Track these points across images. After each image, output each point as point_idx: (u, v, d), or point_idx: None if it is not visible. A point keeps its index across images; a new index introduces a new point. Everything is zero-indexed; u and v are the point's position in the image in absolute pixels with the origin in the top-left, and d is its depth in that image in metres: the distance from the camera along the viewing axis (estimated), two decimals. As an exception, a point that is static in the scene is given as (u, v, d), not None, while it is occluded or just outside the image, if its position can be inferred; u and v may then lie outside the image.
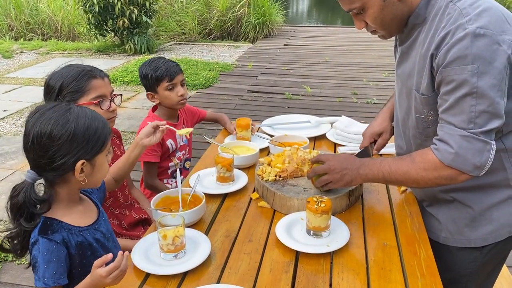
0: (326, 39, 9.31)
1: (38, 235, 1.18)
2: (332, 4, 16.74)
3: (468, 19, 1.18)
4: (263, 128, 2.33)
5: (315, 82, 6.21)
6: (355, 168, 1.43)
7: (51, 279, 1.17)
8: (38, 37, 9.71)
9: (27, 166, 1.22)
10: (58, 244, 1.20)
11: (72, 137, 1.17)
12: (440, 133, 1.27)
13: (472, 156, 1.20)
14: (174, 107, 2.17)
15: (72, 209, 1.28)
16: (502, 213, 1.37)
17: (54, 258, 1.18)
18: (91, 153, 1.21)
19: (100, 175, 1.28)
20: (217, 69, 6.87)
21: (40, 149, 1.17)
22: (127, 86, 6.29)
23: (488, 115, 1.18)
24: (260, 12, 9.52)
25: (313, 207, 1.36)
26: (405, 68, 1.43)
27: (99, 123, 1.24)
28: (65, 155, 1.17)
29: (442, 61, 1.21)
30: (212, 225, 1.51)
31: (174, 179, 2.26)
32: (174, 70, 2.11)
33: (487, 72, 1.15)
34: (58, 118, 1.18)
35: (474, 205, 1.39)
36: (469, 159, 1.21)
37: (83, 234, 1.27)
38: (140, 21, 7.93)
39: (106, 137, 1.25)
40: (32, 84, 6.41)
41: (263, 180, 1.66)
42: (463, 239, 1.43)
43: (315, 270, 1.28)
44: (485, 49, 1.15)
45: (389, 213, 1.56)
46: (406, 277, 1.24)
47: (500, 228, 1.38)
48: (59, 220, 1.23)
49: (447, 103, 1.23)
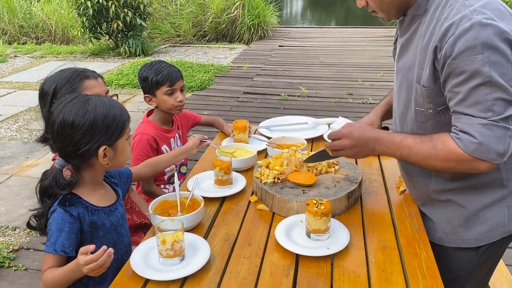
0: (321, 40, 9.32)
1: (57, 205, 1.31)
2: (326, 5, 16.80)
3: (472, 9, 1.18)
4: (260, 130, 2.32)
5: (310, 83, 6.21)
6: (372, 146, 1.40)
7: (60, 247, 1.27)
8: (32, 41, 9.66)
9: (22, 171, 1.27)
10: (73, 217, 1.30)
11: (92, 126, 1.28)
12: (458, 124, 1.24)
13: (495, 143, 1.19)
14: (170, 112, 2.15)
15: (94, 191, 1.39)
16: (496, 213, 1.37)
17: (66, 229, 1.28)
18: (111, 139, 1.32)
19: (123, 158, 1.39)
20: (213, 71, 6.86)
21: (65, 138, 1.29)
22: (122, 89, 6.27)
23: (504, 102, 1.17)
24: (255, 13, 9.51)
25: (313, 209, 1.35)
26: (405, 60, 1.42)
27: (116, 110, 1.34)
28: (88, 142, 1.28)
29: (450, 53, 1.19)
30: (211, 229, 1.50)
31: (171, 184, 2.24)
32: (175, 76, 2.11)
33: (497, 60, 1.15)
34: (78, 109, 1.29)
35: (468, 205, 1.39)
36: (492, 147, 1.19)
37: (99, 213, 1.36)
38: (134, 24, 7.91)
39: (124, 123, 1.36)
40: (27, 88, 6.37)
41: (261, 182, 1.65)
42: (457, 240, 1.43)
43: (315, 273, 1.28)
44: (493, 38, 1.14)
45: (388, 214, 1.55)
46: (407, 279, 1.24)
47: (495, 228, 1.38)
48: (79, 196, 1.35)
49: (460, 95, 1.21)
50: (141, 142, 2.07)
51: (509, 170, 1.34)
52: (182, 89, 2.15)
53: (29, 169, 3.88)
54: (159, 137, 2.12)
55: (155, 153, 2.10)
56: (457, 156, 1.25)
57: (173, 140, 2.20)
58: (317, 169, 1.71)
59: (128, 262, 1.30)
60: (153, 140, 2.09)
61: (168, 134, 2.18)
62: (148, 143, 2.06)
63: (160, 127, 2.16)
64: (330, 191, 1.58)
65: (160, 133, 2.14)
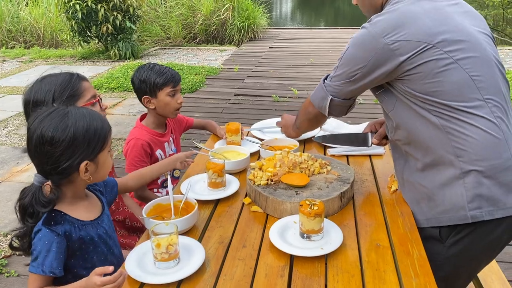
0: (311, 41, 9.36)
1: (42, 225, 1.25)
2: (315, 6, 16.86)
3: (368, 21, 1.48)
4: (252, 132, 2.33)
5: (301, 84, 6.23)
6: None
7: (48, 268, 1.23)
8: (20, 45, 9.57)
9: (13, 177, 1.26)
10: (60, 235, 1.26)
11: (73, 141, 1.22)
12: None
13: (318, 97, 1.65)
14: (168, 115, 2.15)
15: (77, 204, 1.34)
16: (453, 193, 1.41)
17: (54, 249, 1.24)
18: (93, 153, 1.27)
19: (104, 171, 1.34)
20: (203, 73, 6.86)
21: (43, 155, 1.23)
22: (113, 92, 6.24)
23: (339, 81, 1.56)
24: (245, 15, 9.53)
25: (306, 210, 1.37)
26: None
27: (97, 122, 1.28)
28: (68, 158, 1.23)
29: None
30: (205, 232, 1.50)
31: (164, 188, 2.24)
32: (178, 77, 2.14)
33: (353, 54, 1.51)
34: (57, 123, 1.22)
35: (427, 184, 1.48)
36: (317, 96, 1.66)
37: (86, 228, 1.32)
38: (124, 27, 7.88)
39: (106, 135, 1.30)
40: (16, 93, 6.31)
41: (255, 184, 1.66)
42: (423, 220, 1.51)
43: (310, 274, 1.29)
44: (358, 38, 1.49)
45: (380, 214, 1.57)
46: (401, 277, 1.25)
47: (454, 210, 1.42)
48: (63, 213, 1.30)
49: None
50: (135, 148, 2.06)
51: (455, 148, 1.39)
52: (180, 90, 2.18)
53: (20, 174, 3.85)
54: (153, 141, 2.12)
55: (149, 158, 2.09)
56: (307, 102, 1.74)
57: (167, 144, 2.20)
58: (310, 170, 1.73)
59: (123, 266, 1.30)
60: (147, 145, 2.08)
61: (162, 138, 2.18)
62: (143, 149, 2.06)
63: (153, 131, 2.16)
64: (322, 191, 1.60)
65: (154, 138, 2.14)
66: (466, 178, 1.40)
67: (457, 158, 1.39)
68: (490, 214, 1.39)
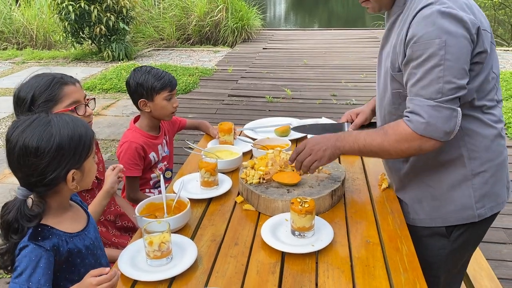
0: (305, 42, 9.40)
1: (28, 241, 1.17)
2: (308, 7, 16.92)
3: (435, 0, 1.30)
4: (245, 131, 2.35)
5: (295, 85, 6.26)
6: (333, 142, 1.51)
7: (35, 285, 1.14)
8: (13, 46, 9.52)
9: (5, 178, 1.22)
10: (48, 251, 1.18)
11: (59, 150, 1.16)
12: (410, 105, 1.35)
13: (442, 123, 1.30)
14: (164, 118, 2.17)
15: (62, 216, 1.27)
16: (462, 194, 1.44)
17: (41, 265, 1.16)
18: (79, 161, 1.21)
19: (90, 178, 1.28)
20: (197, 74, 6.87)
21: (28, 168, 1.15)
22: (106, 93, 6.23)
23: (454, 85, 1.28)
24: (238, 16, 9.55)
25: (297, 207, 1.38)
26: (385, 50, 1.52)
27: (81, 129, 1.22)
28: (55, 169, 1.16)
29: (411, 37, 1.31)
30: (198, 230, 1.52)
31: (156, 189, 2.25)
32: (175, 82, 2.16)
33: (453, 45, 1.26)
34: (41, 133, 1.15)
35: (434, 184, 1.48)
36: (439, 127, 1.30)
37: (74, 240, 1.26)
38: (117, 28, 7.87)
39: (91, 141, 1.25)
40: (8, 95, 6.28)
41: (247, 183, 1.68)
42: (427, 219, 1.51)
43: (301, 270, 1.30)
44: (451, 24, 1.26)
45: (371, 211, 1.59)
46: (390, 273, 1.27)
47: (461, 210, 1.45)
48: (50, 227, 1.22)
49: (416, 76, 1.32)
50: (129, 151, 2.07)
51: (470, 150, 1.41)
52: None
53: (12, 176, 3.81)
54: (147, 144, 2.13)
55: (142, 161, 2.10)
56: (406, 136, 1.35)
57: (160, 146, 2.21)
58: (301, 168, 1.75)
59: (116, 264, 1.31)
60: (141, 148, 2.09)
61: (155, 141, 2.19)
62: (136, 152, 2.07)
63: (147, 134, 2.16)
64: (314, 189, 1.61)
65: (148, 140, 2.14)
66: (475, 179, 1.43)
67: (470, 160, 1.42)
68: (491, 210, 1.47)
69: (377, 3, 1.46)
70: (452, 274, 1.61)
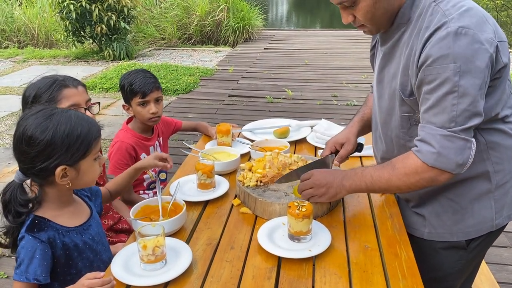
0: (306, 42, 9.38)
1: (25, 232, 1.23)
2: (310, 8, 16.90)
3: (450, 18, 1.19)
4: (243, 133, 2.32)
5: (296, 85, 6.24)
6: (339, 181, 1.44)
7: (32, 275, 1.20)
8: (14, 45, 9.52)
9: (4, 177, 1.25)
10: (43, 242, 1.23)
11: (50, 144, 1.19)
12: (421, 133, 1.27)
13: (455, 154, 1.21)
14: (146, 122, 2.13)
15: (63, 209, 1.31)
16: (483, 206, 1.39)
17: (37, 256, 1.21)
18: (72, 159, 1.22)
19: (89, 177, 1.30)
20: (198, 74, 6.85)
21: (20, 153, 1.22)
22: (106, 92, 6.21)
23: (469, 113, 1.19)
24: (240, 16, 9.53)
25: (294, 211, 1.36)
26: (389, 69, 1.42)
27: (83, 128, 1.23)
28: (43, 161, 1.19)
29: (425, 60, 1.22)
30: (193, 233, 1.49)
31: (150, 190, 2.23)
32: (148, 87, 2.06)
33: (469, 71, 1.16)
34: (38, 124, 1.20)
35: (456, 198, 1.40)
36: (451, 158, 1.22)
37: (70, 235, 1.29)
38: (118, 27, 7.85)
39: (91, 143, 1.25)
40: (9, 93, 6.27)
41: (244, 185, 1.65)
42: (446, 233, 1.44)
43: (297, 275, 1.28)
44: (467, 48, 1.16)
45: (369, 215, 1.57)
46: (388, 279, 1.25)
47: (482, 222, 1.40)
48: (47, 219, 1.27)
49: (429, 102, 1.23)
50: (119, 150, 2.05)
51: (494, 163, 1.36)
52: (158, 99, 2.11)
53: (11, 175, 3.82)
54: (138, 145, 2.10)
55: (133, 162, 2.07)
56: (416, 168, 1.27)
57: (152, 148, 2.19)
58: (299, 171, 1.72)
59: (109, 269, 1.29)
60: (132, 149, 2.07)
61: (147, 142, 2.16)
62: (127, 152, 2.05)
63: (139, 135, 2.14)
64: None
65: (139, 141, 2.12)
66: (496, 191, 1.38)
67: (495, 174, 1.36)
68: (509, 218, 1.43)
69: (374, 26, 1.36)
70: (467, 281, 1.58)
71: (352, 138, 1.75)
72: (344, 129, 1.81)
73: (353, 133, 1.76)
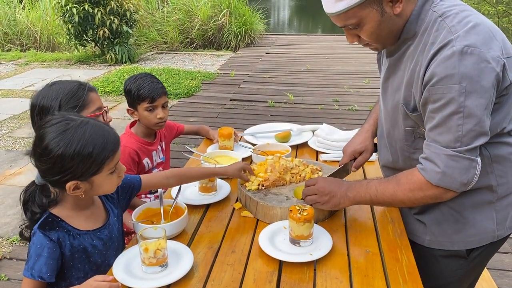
0: (308, 47, 9.40)
1: (37, 228, 1.25)
2: (312, 13, 16.94)
3: (456, 36, 1.17)
4: (245, 137, 2.33)
5: (297, 90, 6.25)
6: (343, 191, 1.44)
7: (37, 273, 1.21)
8: (16, 47, 9.56)
9: (5, 180, 1.26)
10: (52, 241, 1.24)
11: (59, 160, 1.18)
12: (426, 151, 1.27)
13: (459, 174, 1.22)
14: (151, 127, 2.14)
15: (79, 212, 1.32)
16: (484, 217, 1.38)
17: (45, 254, 1.22)
18: (84, 175, 1.21)
19: (104, 189, 1.30)
20: (199, 78, 6.87)
21: (36, 158, 1.22)
22: (108, 96, 6.23)
23: (475, 133, 1.19)
24: (242, 21, 9.57)
25: (296, 215, 1.36)
26: (393, 81, 1.42)
27: (96, 146, 1.20)
28: (54, 175, 1.20)
29: (430, 79, 1.21)
30: (195, 237, 1.50)
31: (152, 194, 2.23)
32: (157, 93, 2.06)
33: (474, 91, 1.15)
34: (53, 137, 1.18)
35: (457, 207, 1.40)
36: (456, 178, 1.23)
37: (81, 238, 1.30)
38: (120, 31, 7.89)
39: (104, 161, 1.22)
40: (11, 96, 6.29)
41: (245, 189, 1.66)
42: (447, 242, 1.44)
43: (298, 279, 1.28)
44: (473, 68, 1.14)
45: (371, 220, 1.57)
46: (389, 284, 1.25)
47: (483, 232, 1.40)
48: (61, 219, 1.28)
49: (434, 121, 1.23)
50: (122, 155, 2.04)
51: (498, 176, 1.35)
52: (165, 105, 2.11)
53: (13, 177, 3.83)
54: (141, 150, 2.10)
55: (136, 166, 2.08)
56: (421, 185, 1.28)
57: (155, 152, 2.19)
58: (301, 175, 1.73)
59: (110, 271, 1.29)
60: (135, 154, 2.07)
61: (150, 147, 2.16)
62: (130, 157, 2.05)
63: (142, 139, 2.14)
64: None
65: (142, 146, 2.12)
66: (498, 202, 1.38)
67: (498, 186, 1.36)
68: (510, 229, 1.42)
69: (380, 43, 1.35)
70: None
71: (370, 146, 1.76)
72: (359, 133, 1.80)
73: (369, 140, 1.76)
